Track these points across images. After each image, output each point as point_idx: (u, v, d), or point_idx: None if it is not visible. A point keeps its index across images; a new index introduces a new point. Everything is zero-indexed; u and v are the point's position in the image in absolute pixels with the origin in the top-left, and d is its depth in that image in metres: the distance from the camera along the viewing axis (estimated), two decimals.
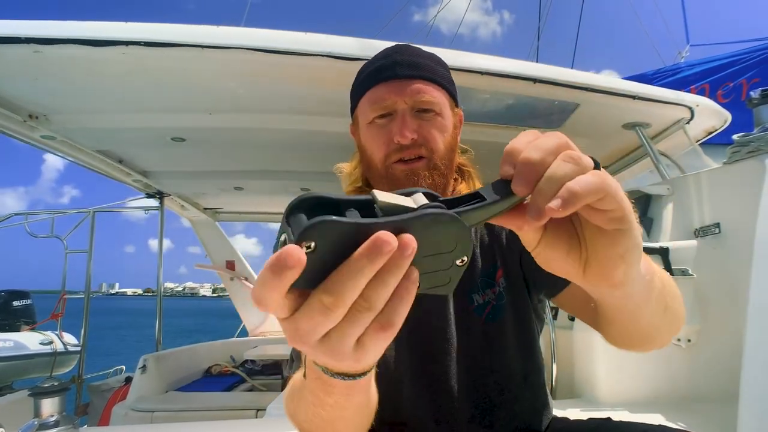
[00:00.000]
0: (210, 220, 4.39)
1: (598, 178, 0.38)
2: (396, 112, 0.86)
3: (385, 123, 0.87)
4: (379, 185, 0.90)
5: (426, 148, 0.86)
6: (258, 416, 2.65)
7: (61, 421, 1.27)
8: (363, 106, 0.91)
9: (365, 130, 0.90)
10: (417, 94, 0.85)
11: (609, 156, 2.66)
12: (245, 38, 1.59)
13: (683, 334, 1.66)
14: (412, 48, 0.92)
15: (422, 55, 0.90)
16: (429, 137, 0.86)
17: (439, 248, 0.38)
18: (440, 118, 0.87)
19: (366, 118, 0.89)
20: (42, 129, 2.15)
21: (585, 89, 1.87)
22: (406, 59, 0.88)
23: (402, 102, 0.85)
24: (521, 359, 0.87)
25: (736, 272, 1.64)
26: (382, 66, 0.88)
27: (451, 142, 0.90)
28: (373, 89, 0.88)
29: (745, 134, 1.65)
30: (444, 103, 0.88)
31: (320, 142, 2.43)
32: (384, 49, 0.92)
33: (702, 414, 1.52)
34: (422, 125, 0.85)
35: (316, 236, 0.33)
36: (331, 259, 0.34)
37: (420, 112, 0.86)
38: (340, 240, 0.34)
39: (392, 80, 0.86)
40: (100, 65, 1.67)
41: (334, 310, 0.34)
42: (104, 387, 3.56)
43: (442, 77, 0.90)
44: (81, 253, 3.80)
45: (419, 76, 0.86)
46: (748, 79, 4.40)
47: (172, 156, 2.75)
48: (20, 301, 5.51)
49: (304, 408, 0.62)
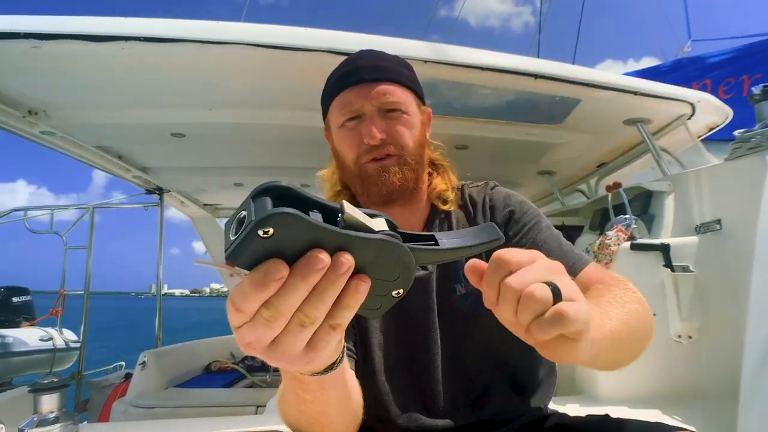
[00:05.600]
0: (210, 216, 4.38)
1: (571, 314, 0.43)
2: (364, 114, 0.90)
3: (355, 125, 0.91)
4: (354, 184, 0.95)
5: (395, 146, 0.90)
6: (258, 412, 2.65)
7: (60, 417, 1.27)
8: (333, 111, 0.95)
9: (337, 134, 0.95)
10: (382, 95, 0.89)
11: (610, 152, 2.65)
12: (245, 34, 1.58)
13: (684, 331, 1.65)
14: (375, 53, 0.96)
15: (385, 58, 0.95)
16: (396, 135, 0.90)
17: (382, 274, 0.40)
18: (407, 116, 0.92)
19: (336, 122, 0.94)
20: (41, 125, 2.14)
21: (586, 85, 1.87)
22: (370, 63, 0.92)
23: (368, 104, 0.89)
24: (506, 347, 0.88)
25: (737, 269, 1.63)
26: (348, 72, 0.92)
27: (420, 138, 0.94)
28: (341, 94, 0.92)
29: (746, 130, 1.65)
30: (410, 102, 0.93)
31: (320, 138, 2.40)
32: (348, 56, 0.97)
33: (702, 410, 1.52)
34: (390, 124, 0.90)
35: (276, 225, 0.34)
36: (279, 250, 0.35)
37: (387, 112, 0.90)
38: (296, 236, 0.35)
39: (358, 84, 0.90)
40: (100, 61, 1.67)
41: (273, 323, 0.37)
42: (104, 383, 3.56)
43: (406, 78, 0.94)
44: (82, 250, 3.79)
45: (383, 78, 0.90)
46: (749, 75, 4.39)
47: (171, 152, 2.74)
48: (20, 297, 5.50)
49: (289, 407, 0.65)
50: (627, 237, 1.79)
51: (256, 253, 0.35)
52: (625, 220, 1.86)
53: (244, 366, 3.73)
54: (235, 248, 0.35)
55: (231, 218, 0.37)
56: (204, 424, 1.77)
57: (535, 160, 2.79)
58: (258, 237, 0.34)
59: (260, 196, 0.36)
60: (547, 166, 2.92)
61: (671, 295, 1.66)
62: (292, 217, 0.34)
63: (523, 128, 2.28)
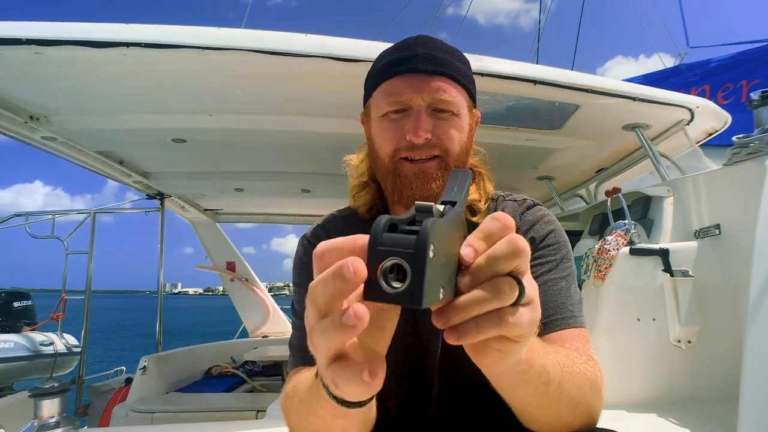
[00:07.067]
0: (210, 221, 4.40)
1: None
2: (411, 108, 0.81)
3: (399, 118, 0.82)
4: (384, 181, 0.88)
5: (440, 148, 0.82)
6: (258, 417, 2.65)
7: (61, 422, 1.27)
8: (377, 98, 0.85)
9: (376, 123, 0.86)
10: (436, 92, 0.81)
11: (609, 157, 2.66)
12: (245, 40, 1.59)
13: (683, 336, 1.65)
14: (434, 41, 0.85)
15: (444, 49, 0.85)
16: (444, 137, 0.82)
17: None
18: (457, 118, 0.83)
19: (379, 110, 0.84)
20: (43, 130, 2.16)
21: (585, 91, 1.87)
22: (427, 53, 0.82)
23: (419, 99, 0.80)
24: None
25: (736, 273, 1.64)
26: (401, 58, 0.83)
27: (467, 144, 0.87)
28: (390, 81, 0.83)
29: (745, 135, 1.65)
30: (462, 104, 0.84)
31: (320, 144, 2.43)
32: (405, 39, 0.86)
33: (701, 415, 1.52)
34: (438, 125, 0.82)
35: (435, 238, 0.33)
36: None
37: (436, 111, 0.82)
38: (444, 236, 0.36)
39: (410, 74, 0.81)
40: (101, 66, 1.68)
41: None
42: (104, 388, 3.56)
43: (463, 75, 0.85)
44: (83, 254, 3.80)
45: (440, 73, 0.81)
46: (748, 80, 4.40)
47: (172, 157, 2.75)
48: (21, 302, 5.50)
49: (300, 411, 0.63)
50: (626, 242, 1.79)
51: (434, 277, 0.34)
52: (624, 225, 1.87)
53: (245, 371, 3.73)
54: (419, 283, 0.33)
55: (372, 277, 0.34)
56: (204, 429, 1.77)
57: (535, 165, 2.80)
58: (431, 261, 0.33)
59: (383, 246, 0.34)
60: (547, 171, 2.92)
61: (670, 300, 1.66)
62: (435, 224, 0.34)
63: (523, 134, 2.29)
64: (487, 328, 0.39)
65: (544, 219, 0.88)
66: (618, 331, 1.66)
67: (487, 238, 0.40)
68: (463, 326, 0.39)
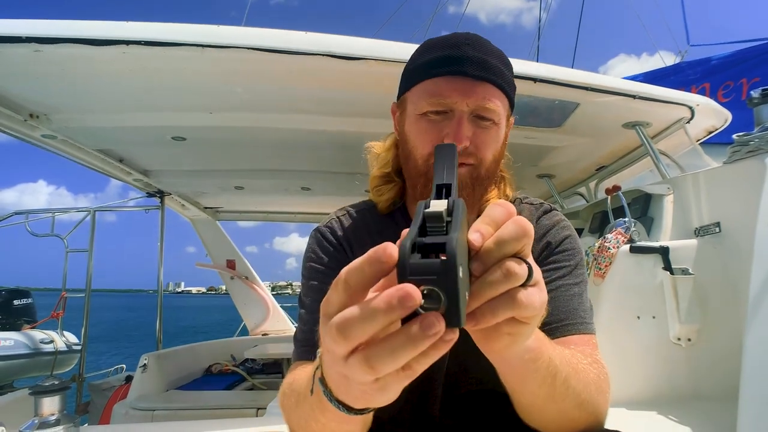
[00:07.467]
0: (210, 219, 4.40)
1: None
2: (453, 111, 0.79)
3: (439, 120, 0.80)
4: (415, 183, 0.86)
5: (476, 157, 0.80)
6: (258, 415, 2.65)
7: (61, 419, 1.27)
8: (418, 94, 0.82)
9: (413, 121, 0.83)
10: (481, 99, 0.78)
11: (609, 155, 2.66)
12: (245, 38, 1.59)
13: (683, 333, 1.66)
14: (483, 42, 0.82)
15: (493, 53, 0.81)
16: (482, 146, 0.80)
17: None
18: (496, 128, 0.81)
19: (418, 108, 0.81)
20: (43, 128, 2.16)
21: (585, 89, 1.87)
22: (477, 55, 0.79)
23: (464, 104, 0.78)
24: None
25: (736, 271, 1.64)
26: (450, 57, 0.79)
27: (500, 153, 0.86)
28: (435, 80, 0.80)
29: (745, 133, 1.65)
30: (503, 114, 0.82)
31: (320, 141, 2.43)
32: (452, 36, 0.82)
33: (701, 413, 1.52)
34: (477, 133, 0.79)
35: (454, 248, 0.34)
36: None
37: (478, 117, 0.79)
38: (463, 245, 0.37)
39: (459, 76, 0.78)
40: (101, 64, 1.68)
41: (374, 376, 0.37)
42: (105, 386, 3.57)
43: (507, 83, 0.82)
44: (83, 252, 3.80)
45: (487, 79, 0.79)
46: (748, 78, 4.40)
47: (172, 155, 2.75)
48: (21, 300, 5.51)
49: (299, 413, 0.63)
50: (626, 240, 1.79)
51: (463, 290, 0.35)
52: (625, 223, 1.87)
53: (245, 368, 3.74)
54: (455, 305, 0.34)
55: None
56: (204, 427, 1.77)
57: (535, 163, 2.80)
58: (461, 279, 0.34)
59: (414, 275, 0.34)
60: (547, 169, 2.92)
61: (670, 298, 1.66)
62: (457, 244, 0.34)
63: (523, 131, 2.29)
64: (502, 310, 0.40)
65: (561, 224, 0.89)
66: (618, 329, 1.67)
67: (492, 222, 0.41)
68: (479, 310, 0.40)
